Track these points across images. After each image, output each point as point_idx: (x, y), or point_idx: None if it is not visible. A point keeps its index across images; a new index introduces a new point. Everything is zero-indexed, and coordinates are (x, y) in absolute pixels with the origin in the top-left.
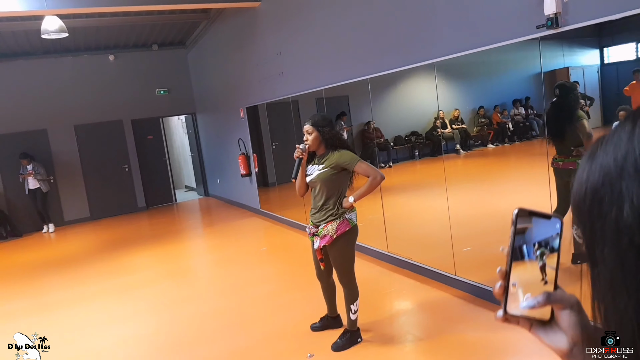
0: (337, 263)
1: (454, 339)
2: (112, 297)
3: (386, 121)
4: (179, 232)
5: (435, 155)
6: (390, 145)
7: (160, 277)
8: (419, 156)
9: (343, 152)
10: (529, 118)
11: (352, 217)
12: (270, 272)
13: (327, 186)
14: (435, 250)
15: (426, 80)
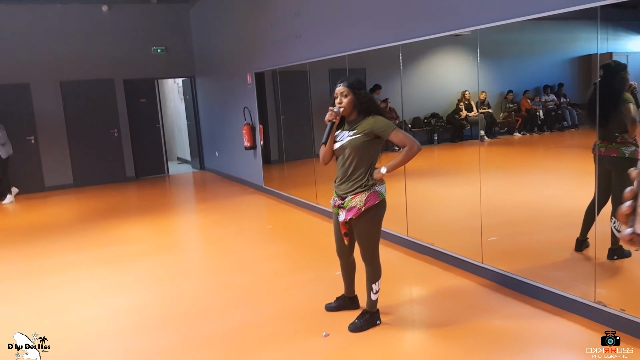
0: (363, 238)
1: (479, 327)
2: (103, 267)
3: (404, 100)
4: (174, 206)
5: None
6: (407, 128)
7: (155, 250)
8: (437, 141)
9: (378, 118)
10: (561, 107)
11: (382, 190)
12: (277, 251)
13: (358, 154)
14: (458, 237)
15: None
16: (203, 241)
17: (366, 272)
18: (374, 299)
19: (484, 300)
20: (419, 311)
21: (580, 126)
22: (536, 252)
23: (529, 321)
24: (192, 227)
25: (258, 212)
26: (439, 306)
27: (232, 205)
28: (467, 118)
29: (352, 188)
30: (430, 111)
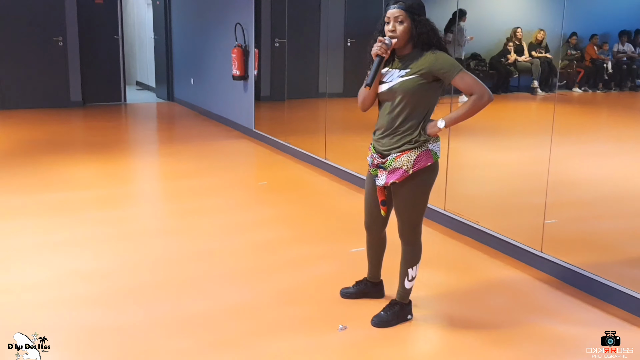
0: (405, 209)
1: (535, 333)
2: (44, 218)
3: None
4: (134, 144)
5: (499, 92)
6: None
7: (114, 199)
8: None
9: (439, 54)
10: (636, 60)
11: (436, 149)
12: (273, 215)
13: (411, 101)
14: (510, 216)
15: None
16: (173, 194)
17: (403, 253)
18: (408, 288)
19: (541, 300)
20: (459, 307)
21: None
22: (608, 243)
23: (599, 330)
24: (159, 175)
25: (246, 163)
26: (484, 302)
27: (210, 151)
28: (516, 63)
29: (399, 144)
30: (470, 51)
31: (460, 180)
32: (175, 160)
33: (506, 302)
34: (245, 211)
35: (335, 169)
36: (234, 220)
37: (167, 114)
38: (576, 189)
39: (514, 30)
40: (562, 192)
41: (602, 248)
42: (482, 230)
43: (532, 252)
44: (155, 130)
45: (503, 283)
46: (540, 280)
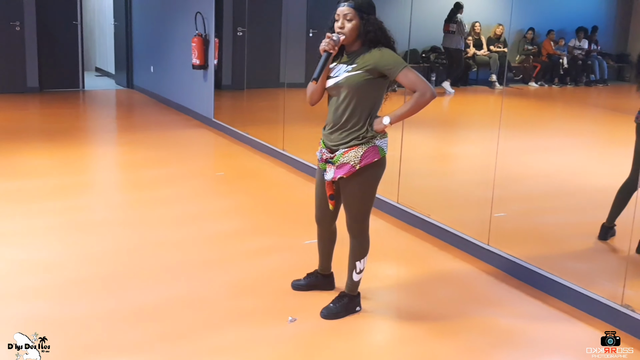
0: (353, 204)
1: (479, 324)
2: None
3: (399, 27)
4: (91, 133)
5: (458, 84)
6: None
7: (67, 189)
8: (436, 82)
9: (385, 51)
10: (590, 55)
11: (383, 144)
12: (229, 206)
13: (358, 95)
14: (460, 209)
15: None
16: (129, 183)
17: (350, 246)
18: (356, 280)
19: (487, 291)
20: (407, 298)
21: (610, 82)
22: (554, 236)
23: (540, 322)
24: (115, 164)
25: (204, 153)
26: (432, 294)
27: (169, 140)
28: (475, 57)
29: (347, 139)
30: (430, 44)
31: (414, 173)
32: (132, 149)
33: (453, 294)
34: (201, 202)
35: (292, 160)
36: (189, 211)
37: (126, 101)
38: (526, 182)
39: (473, 25)
40: (512, 185)
41: (547, 241)
42: (433, 223)
43: (479, 244)
44: (113, 118)
45: (451, 275)
46: (486, 273)
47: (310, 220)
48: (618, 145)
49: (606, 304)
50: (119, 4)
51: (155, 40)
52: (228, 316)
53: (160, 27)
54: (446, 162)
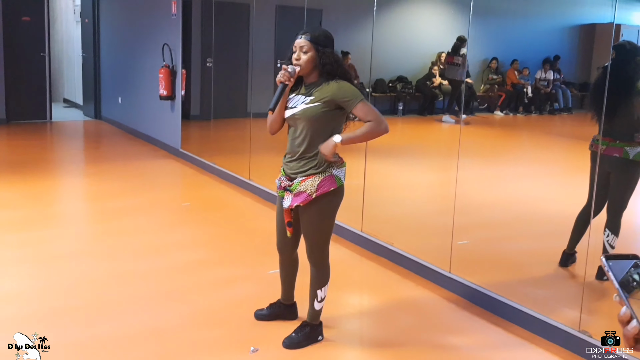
0: (311, 232)
1: (440, 351)
2: None
3: (366, 56)
4: (57, 164)
5: (424, 113)
6: (367, 92)
7: (31, 221)
8: (402, 111)
9: (342, 83)
10: (554, 85)
11: (341, 174)
12: (194, 236)
13: (314, 127)
14: (422, 237)
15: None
16: (96, 215)
17: (311, 275)
18: (318, 309)
19: (449, 319)
20: (370, 326)
21: (575, 110)
22: (515, 264)
23: (501, 349)
24: (81, 195)
25: (171, 183)
26: (395, 322)
27: (136, 171)
28: (441, 86)
29: (304, 168)
30: (396, 73)
31: (378, 202)
32: (99, 180)
33: (415, 322)
34: (167, 232)
35: (259, 190)
36: (155, 241)
37: (94, 132)
38: (488, 210)
39: (439, 55)
40: (475, 213)
41: (508, 268)
42: (396, 251)
43: (440, 272)
44: (80, 149)
45: (413, 303)
46: (448, 300)
47: (275, 250)
48: (580, 173)
49: (564, 330)
50: (87, 36)
51: (123, 71)
52: (191, 347)
53: (128, 58)
54: (409, 190)
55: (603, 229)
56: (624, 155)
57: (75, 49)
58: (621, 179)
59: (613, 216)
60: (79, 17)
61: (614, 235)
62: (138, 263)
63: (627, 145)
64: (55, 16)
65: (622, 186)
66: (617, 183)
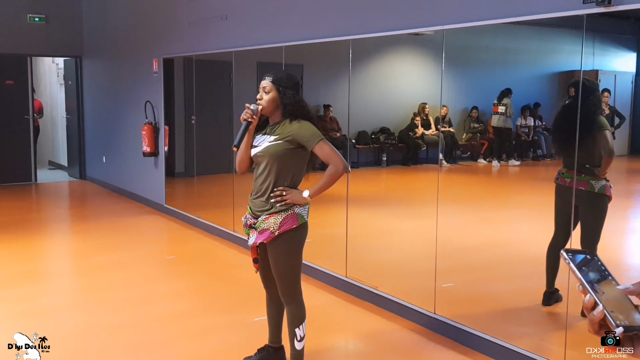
0: (278, 269)
1: None
2: None
3: (347, 109)
4: (42, 223)
5: (408, 164)
6: (350, 144)
7: (16, 278)
8: (386, 162)
9: (304, 123)
10: (536, 131)
11: (303, 212)
12: (180, 288)
13: (277, 165)
14: (407, 281)
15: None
16: (81, 271)
17: (287, 315)
18: (299, 349)
19: (436, 359)
20: None
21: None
22: (499, 304)
23: None
24: (66, 253)
25: (156, 238)
26: None
27: (121, 227)
28: (424, 137)
29: (267, 207)
30: (379, 125)
31: (362, 249)
32: (84, 237)
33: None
34: (151, 285)
35: (243, 241)
36: (139, 294)
37: (79, 192)
38: (473, 253)
39: (422, 106)
40: (460, 256)
41: (492, 308)
42: (381, 295)
43: (426, 313)
44: (66, 209)
45: (399, 344)
46: (434, 342)
47: (259, 298)
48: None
49: None
50: (70, 98)
51: (107, 130)
52: None
53: (112, 117)
54: (393, 236)
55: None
56: (590, 189)
57: (60, 111)
58: (590, 212)
59: (587, 244)
60: (62, 80)
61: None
62: (122, 315)
63: (592, 179)
64: (39, 79)
65: (592, 218)
66: (587, 216)
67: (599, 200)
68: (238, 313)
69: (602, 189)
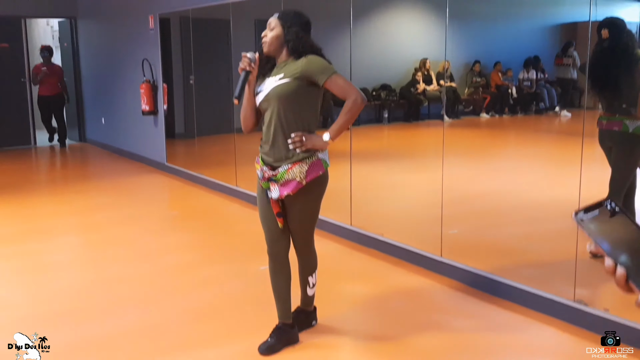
0: (300, 221)
1: (438, 333)
2: None
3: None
4: (43, 185)
5: (410, 120)
6: None
7: (20, 236)
8: (388, 119)
9: (312, 57)
10: (539, 84)
11: (326, 157)
12: (183, 241)
13: (288, 107)
14: (412, 228)
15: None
16: (84, 228)
17: (300, 265)
18: (311, 295)
19: (444, 301)
20: (364, 312)
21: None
22: (506, 246)
23: (497, 324)
24: (68, 211)
25: (159, 195)
26: (389, 307)
27: (123, 186)
28: (425, 92)
29: (288, 155)
30: (380, 82)
31: (366, 200)
32: (87, 196)
33: (409, 306)
34: (156, 239)
35: (246, 196)
36: (144, 248)
37: (79, 154)
38: (479, 201)
39: (423, 61)
40: (465, 205)
41: (499, 251)
42: (386, 241)
43: (432, 257)
44: (65, 170)
45: (406, 289)
46: (441, 284)
47: (264, 249)
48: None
49: (560, 302)
50: (66, 60)
51: (105, 91)
52: (186, 340)
53: (109, 77)
54: (397, 189)
55: None
56: (623, 129)
57: None
58: (621, 153)
59: (613, 192)
60: (58, 42)
61: None
62: (128, 268)
63: (627, 119)
64: (34, 42)
65: (622, 161)
66: (617, 158)
67: (633, 141)
68: (243, 263)
69: (638, 130)
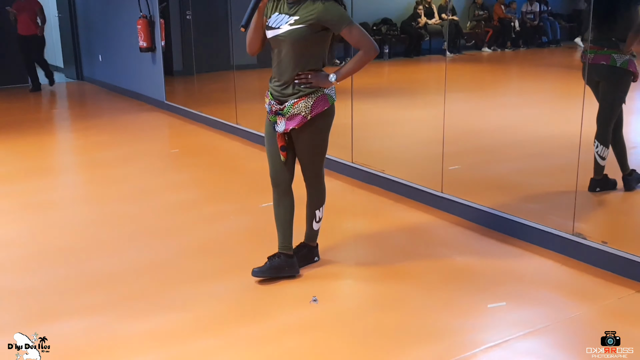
0: (307, 154)
1: (437, 265)
2: None
3: None
4: (42, 123)
5: (411, 55)
6: None
7: (23, 174)
8: (389, 55)
9: (329, 4)
10: (542, 17)
11: (331, 92)
12: (185, 179)
13: (301, 51)
14: (413, 164)
15: None
16: (85, 165)
17: (308, 196)
18: (316, 229)
19: (444, 235)
20: (365, 246)
21: (563, 42)
22: (506, 182)
23: (496, 256)
24: (68, 149)
25: (159, 133)
26: (390, 241)
27: (122, 124)
28: (427, 26)
29: (296, 90)
30: (380, 16)
31: (367, 137)
32: (86, 134)
33: (410, 241)
34: (157, 177)
35: (247, 133)
36: (145, 185)
37: (77, 93)
38: (479, 137)
39: None
40: (466, 141)
41: (499, 186)
42: (387, 177)
43: (433, 193)
44: (65, 109)
45: (407, 224)
46: (442, 219)
47: (265, 186)
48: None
49: (559, 235)
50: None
51: (101, 28)
52: (188, 275)
53: (105, 14)
54: (398, 125)
55: (593, 142)
56: (611, 63)
57: (51, 9)
58: (608, 87)
59: (602, 126)
60: None
61: (603, 147)
62: (129, 205)
63: (615, 52)
64: None
65: (610, 95)
66: (605, 91)
67: (620, 75)
68: (245, 200)
69: (625, 64)
